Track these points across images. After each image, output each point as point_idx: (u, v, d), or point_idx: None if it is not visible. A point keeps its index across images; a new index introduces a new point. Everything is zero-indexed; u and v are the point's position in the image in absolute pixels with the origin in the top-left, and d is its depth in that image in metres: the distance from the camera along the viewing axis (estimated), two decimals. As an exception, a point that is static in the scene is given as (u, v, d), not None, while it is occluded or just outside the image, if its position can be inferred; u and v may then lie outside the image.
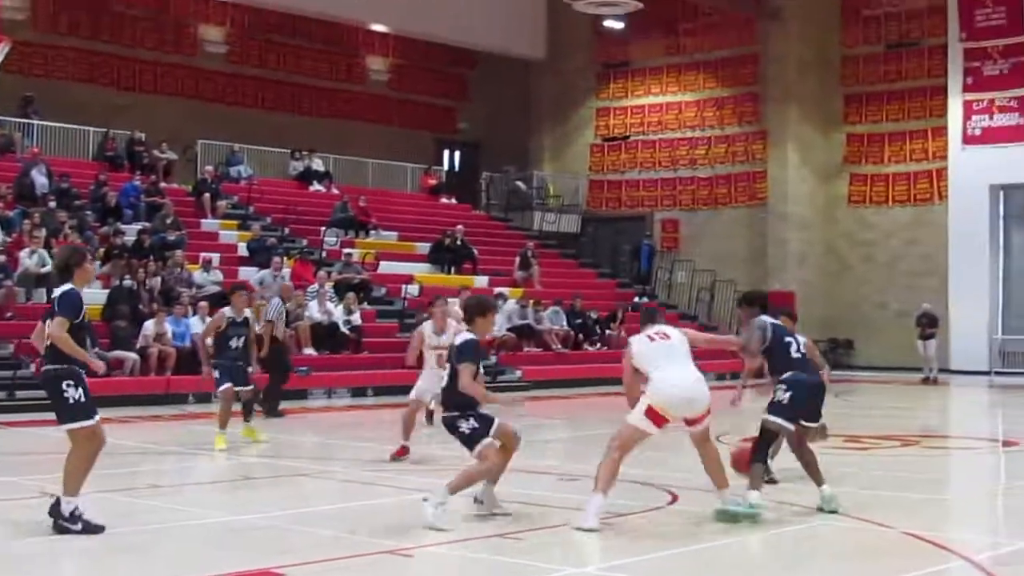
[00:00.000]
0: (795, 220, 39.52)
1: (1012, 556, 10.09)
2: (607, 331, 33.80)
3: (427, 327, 16.03)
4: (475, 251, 35.14)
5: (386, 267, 32.92)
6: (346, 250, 32.16)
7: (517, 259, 35.88)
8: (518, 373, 29.88)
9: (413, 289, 31.43)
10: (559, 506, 12.10)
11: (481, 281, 33.89)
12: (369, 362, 27.58)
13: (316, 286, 28.57)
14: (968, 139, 36.70)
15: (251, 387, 17.62)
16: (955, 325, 35.82)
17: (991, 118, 36.34)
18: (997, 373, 35.69)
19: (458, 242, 34.88)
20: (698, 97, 42.25)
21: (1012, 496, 13.27)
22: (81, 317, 10.27)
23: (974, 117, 36.60)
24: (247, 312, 17.43)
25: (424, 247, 35.02)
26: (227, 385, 16.85)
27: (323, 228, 33.48)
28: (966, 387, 33.13)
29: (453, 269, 34.49)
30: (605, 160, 44.29)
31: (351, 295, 28.78)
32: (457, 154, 46.17)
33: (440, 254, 34.59)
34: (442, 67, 45.01)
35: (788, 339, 11.85)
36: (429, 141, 44.63)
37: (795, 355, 11.78)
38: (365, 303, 29.96)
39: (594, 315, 34.00)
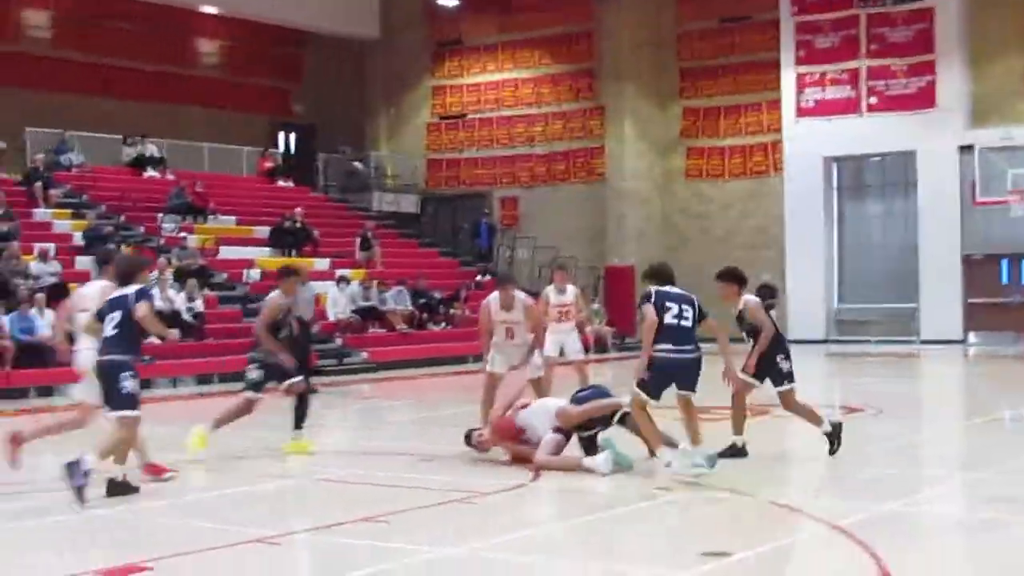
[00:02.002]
0: (633, 195, 39.82)
1: (873, 520, 10.24)
2: (451, 310, 33.73)
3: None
4: (315, 233, 34.75)
5: (226, 252, 32.39)
6: (184, 236, 31.56)
7: (357, 240, 35.59)
8: (363, 355, 29.65)
9: (254, 274, 30.99)
10: (421, 487, 12.00)
11: (323, 264, 33.54)
12: (213, 349, 27.11)
13: (156, 274, 27.99)
14: (801, 112, 37.34)
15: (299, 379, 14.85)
16: (792, 295, 36.42)
17: (824, 91, 37.01)
18: (833, 341, 36.42)
19: (298, 225, 34.46)
20: (534, 74, 42.33)
21: (864, 462, 13.48)
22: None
23: (807, 90, 37.24)
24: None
25: (263, 231, 34.52)
26: (299, 378, 14.64)
27: (160, 215, 32.80)
28: (804, 356, 33.51)
29: (294, 252, 34.05)
30: (443, 139, 44.17)
31: (192, 281, 28.27)
32: (292, 136, 45.62)
33: (280, 237, 34.13)
34: (274, 48, 44.40)
35: None
36: (264, 124, 44.06)
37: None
38: (206, 289, 29.46)
39: (438, 295, 33.91)
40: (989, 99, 35.50)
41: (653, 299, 12.15)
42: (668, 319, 12.05)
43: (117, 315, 11.60)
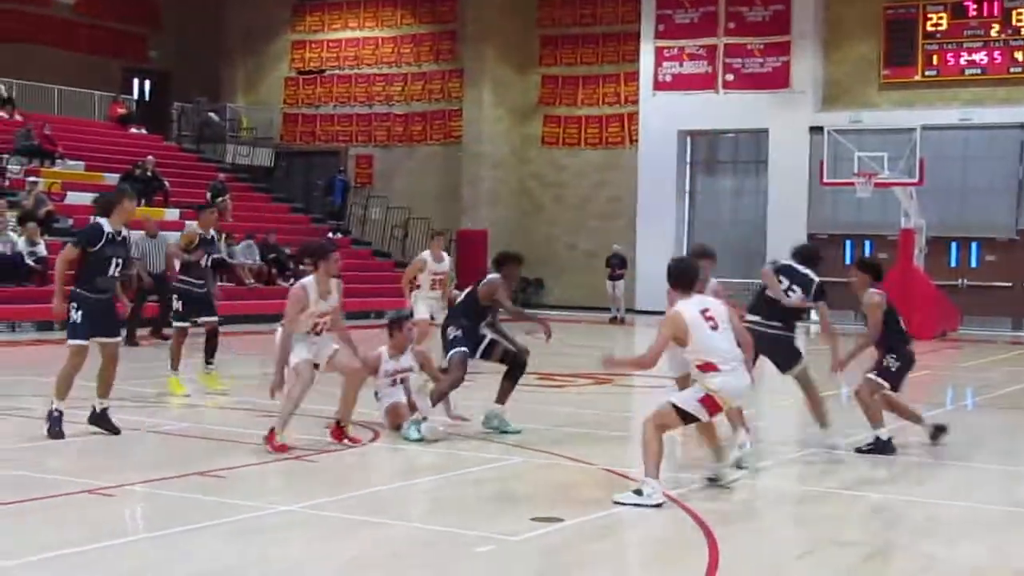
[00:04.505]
0: (489, 159, 39.88)
1: (704, 490, 10.43)
2: (300, 266, 33.44)
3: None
4: (167, 183, 34.22)
5: (73, 198, 31.73)
6: (31, 179, 30.87)
7: (209, 192, 35.12)
8: (210, 308, 29.25)
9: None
10: (256, 443, 11.91)
11: (172, 214, 33.04)
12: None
13: (-5, 216, 27.40)
14: (659, 85, 37.67)
15: (216, 319, 16.24)
16: (641, 266, 36.79)
17: (681, 65, 37.38)
18: (680, 313, 36.80)
19: (149, 173, 33.89)
20: (395, 33, 42.13)
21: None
22: (98, 246, 12.02)
23: (665, 64, 37.58)
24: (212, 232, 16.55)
25: (113, 178, 33.83)
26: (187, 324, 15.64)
27: (5, 156, 32.04)
28: (651, 326, 33.97)
29: (143, 201, 33.43)
30: (300, 93, 43.80)
31: (32, 226, 27.61)
32: (147, 83, 44.84)
33: (130, 185, 33.49)
34: (132, -8, 43.54)
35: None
36: (117, 69, 43.20)
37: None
38: (46, 235, 28.80)
39: (287, 250, 33.61)
40: (840, 83, 36.24)
41: None
42: None
43: None
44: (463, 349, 12.90)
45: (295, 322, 11.60)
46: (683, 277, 10.32)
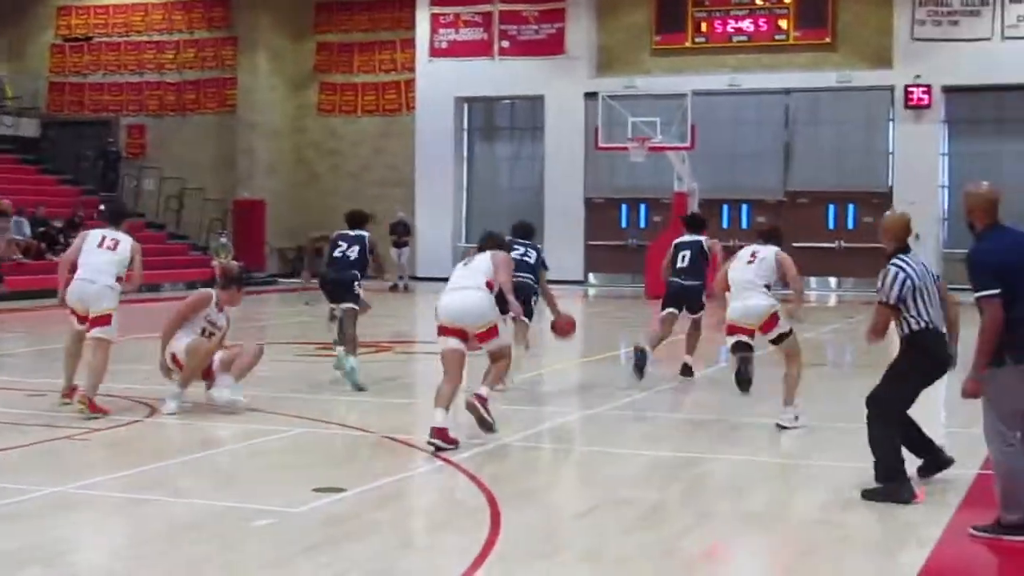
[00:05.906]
0: (264, 128, 39.38)
1: (485, 455, 10.51)
2: (71, 240, 32.58)
3: None
4: (-75, 156, 33.04)
5: None
6: None
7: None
8: (-23, 285, 28.40)
9: None
10: (31, 423, 11.59)
11: (-66, 188, 31.92)
12: None
13: None
14: (435, 52, 37.69)
15: None
16: (422, 233, 36.88)
17: (457, 32, 37.45)
18: (459, 279, 36.92)
19: (-94, 146, 32.68)
20: (166, -1, 41.26)
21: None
22: None
23: (441, 31, 37.60)
24: None
25: None
26: None
27: None
28: (432, 293, 34.01)
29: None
30: (67, 61, 42.53)
31: None
32: (-98, 50, 43.08)
33: None
34: None
35: None
36: None
37: None
38: None
39: (58, 223, 32.75)
40: (614, 50, 36.73)
41: None
42: None
43: None
44: None
45: None
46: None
